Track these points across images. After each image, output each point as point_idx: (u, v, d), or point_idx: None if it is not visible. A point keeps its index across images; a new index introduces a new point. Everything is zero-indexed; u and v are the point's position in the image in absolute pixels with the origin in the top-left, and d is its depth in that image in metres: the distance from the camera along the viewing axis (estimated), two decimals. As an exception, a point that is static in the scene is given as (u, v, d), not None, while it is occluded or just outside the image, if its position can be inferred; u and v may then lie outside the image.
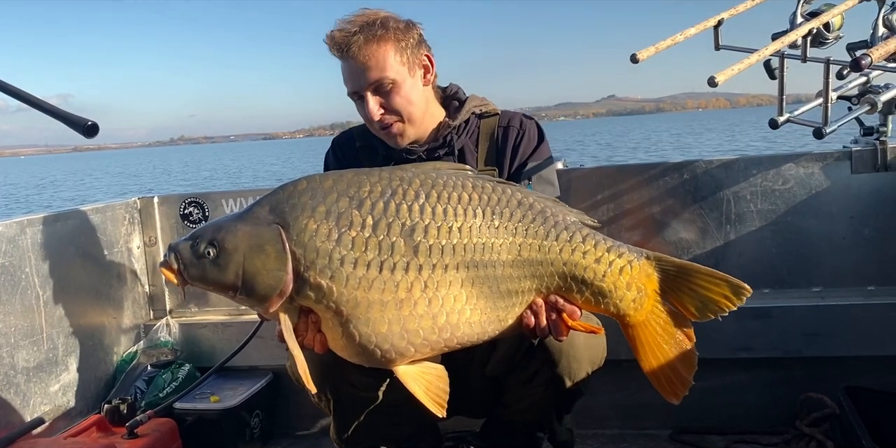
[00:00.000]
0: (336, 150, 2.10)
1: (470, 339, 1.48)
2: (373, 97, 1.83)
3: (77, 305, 2.51)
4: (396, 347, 1.42)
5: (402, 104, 1.85)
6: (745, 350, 2.35)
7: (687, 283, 1.53)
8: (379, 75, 1.81)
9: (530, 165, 1.98)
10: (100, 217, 2.67)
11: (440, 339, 1.44)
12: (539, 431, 2.01)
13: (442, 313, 1.41)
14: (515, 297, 1.48)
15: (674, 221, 2.51)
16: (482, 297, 1.44)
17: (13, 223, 2.27)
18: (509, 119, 2.02)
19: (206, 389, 2.57)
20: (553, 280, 1.49)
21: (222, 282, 1.40)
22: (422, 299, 1.40)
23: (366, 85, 1.82)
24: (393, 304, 1.39)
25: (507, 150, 1.99)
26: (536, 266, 1.48)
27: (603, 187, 2.55)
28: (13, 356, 2.21)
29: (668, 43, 2.13)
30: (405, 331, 1.41)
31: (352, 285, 1.36)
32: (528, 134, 2.01)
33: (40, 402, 2.30)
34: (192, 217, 2.87)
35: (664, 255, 1.55)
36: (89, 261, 2.59)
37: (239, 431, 2.51)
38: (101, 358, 2.61)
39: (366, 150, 2.04)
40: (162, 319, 2.82)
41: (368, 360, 1.46)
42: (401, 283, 1.37)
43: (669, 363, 1.52)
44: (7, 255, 2.22)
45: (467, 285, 1.43)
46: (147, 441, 2.22)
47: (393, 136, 1.90)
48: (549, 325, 1.52)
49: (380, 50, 1.80)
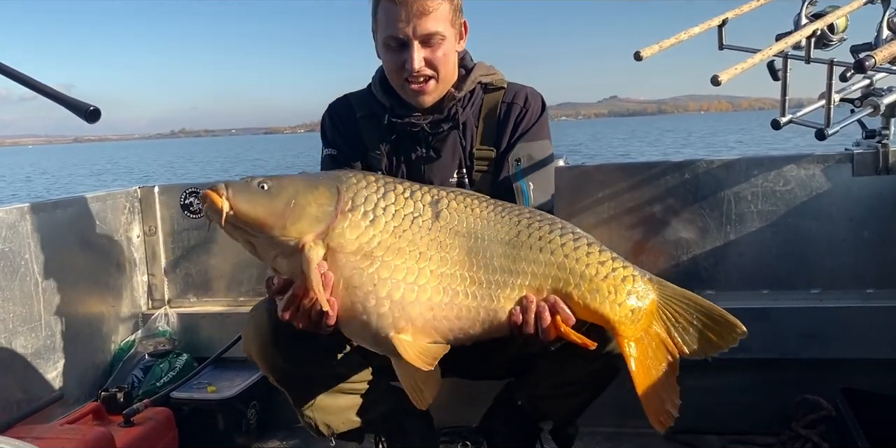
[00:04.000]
0: (334, 116, 2.01)
1: (462, 326, 1.48)
2: (420, 48, 1.76)
3: (76, 293, 2.51)
4: (405, 314, 1.44)
5: (443, 61, 1.80)
6: (743, 351, 2.30)
7: (683, 313, 1.54)
8: (435, 27, 1.75)
9: (520, 146, 1.91)
10: (100, 205, 2.67)
11: (436, 316, 1.46)
12: (542, 421, 2.00)
13: (439, 289, 1.46)
14: (510, 290, 1.49)
15: (674, 220, 2.51)
16: (476, 282, 1.48)
17: (13, 209, 2.27)
18: (514, 94, 1.96)
19: (203, 380, 2.57)
20: (550, 275, 1.49)
21: (271, 208, 1.39)
22: (434, 260, 1.46)
23: (419, 33, 1.75)
24: (413, 258, 1.45)
25: (506, 129, 1.93)
26: (534, 261, 1.49)
27: (604, 185, 2.55)
28: (11, 342, 2.22)
29: (671, 41, 2.12)
30: (415, 301, 1.45)
31: (386, 230, 1.45)
32: (530, 112, 1.94)
33: (38, 388, 2.31)
34: (192, 207, 2.87)
35: (666, 282, 1.57)
36: (89, 249, 2.59)
37: (235, 422, 2.51)
38: (98, 346, 2.62)
39: (367, 120, 1.97)
40: (160, 309, 2.83)
41: (371, 325, 1.44)
42: (423, 239, 1.47)
43: (657, 391, 1.51)
44: (7, 241, 2.22)
45: (466, 267, 1.48)
46: (143, 429, 2.23)
47: (422, 92, 1.83)
48: (539, 324, 1.48)
49: (439, 1, 1.74)
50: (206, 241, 2.87)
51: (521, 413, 2.02)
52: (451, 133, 1.92)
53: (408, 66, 1.77)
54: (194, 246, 2.89)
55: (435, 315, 1.46)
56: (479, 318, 1.48)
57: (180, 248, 2.90)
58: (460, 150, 1.92)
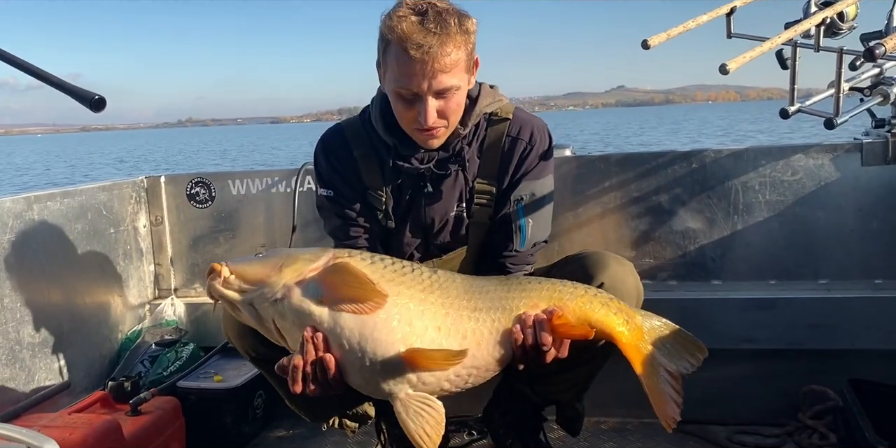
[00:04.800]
0: (329, 155, 1.91)
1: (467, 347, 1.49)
2: (434, 102, 1.67)
3: (83, 283, 2.52)
4: (414, 331, 1.45)
5: (455, 110, 1.73)
6: (749, 341, 2.34)
7: (665, 330, 1.59)
8: (450, 83, 1.65)
9: (524, 184, 1.87)
10: (107, 195, 2.67)
11: (443, 335, 1.48)
12: (545, 407, 2.00)
13: (444, 314, 1.49)
14: (509, 312, 1.53)
15: (681, 210, 2.50)
16: (478, 309, 1.52)
17: (20, 199, 2.27)
18: (520, 128, 1.88)
19: (209, 369, 2.56)
20: (543, 297, 1.55)
21: (264, 262, 1.52)
22: (437, 293, 1.51)
23: (434, 89, 1.65)
24: (417, 289, 1.49)
25: (510, 165, 1.87)
26: (525, 290, 1.57)
27: (610, 175, 2.54)
28: (19, 331, 2.22)
29: (679, 30, 2.10)
30: (422, 317, 1.47)
31: (388, 270, 1.51)
32: (535, 149, 1.87)
33: (45, 377, 2.31)
34: (198, 197, 2.87)
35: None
36: (95, 238, 2.59)
37: (241, 411, 2.51)
38: (105, 335, 2.62)
39: (366, 159, 1.88)
40: (167, 298, 2.83)
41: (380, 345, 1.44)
42: (424, 281, 1.52)
43: (661, 394, 1.56)
44: (14, 230, 2.23)
45: (466, 298, 1.53)
46: (150, 418, 2.23)
47: (432, 139, 1.77)
48: (537, 331, 1.49)
49: (455, 54, 1.63)
50: (213, 230, 2.88)
51: (522, 401, 2.01)
52: (457, 175, 1.87)
53: (421, 120, 1.69)
54: (200, 236, 2.89)
55: (442, 334, 1.46)
56: (484, 338, 1.49)
57: (187, 237, 2.90)
58: (462, 183, 1.88)
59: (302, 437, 2.56)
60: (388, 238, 1.94)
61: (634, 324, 1.56)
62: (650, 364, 1.55)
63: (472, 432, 2.46)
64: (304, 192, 2.74)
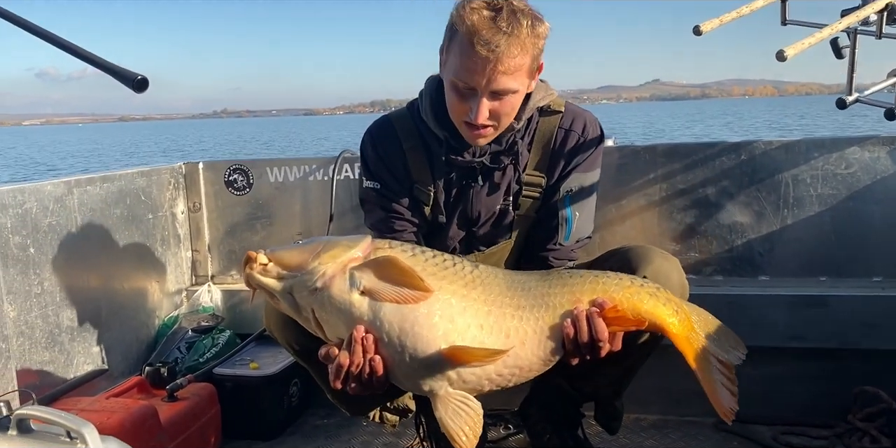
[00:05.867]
0: (377, 146, 1.87)
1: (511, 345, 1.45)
2: (488, 102, 1.63)
3: (121, 268, 2.52)
4: (455, 327, 1.41)
5: (507, 114, 1.68)
6: (798, 339, 2.26)
7: (710, 327, 1.55)
8: (509, 85, 1.61)
9: (574, 176, 1.83)
10: (145, 180, 2.67)
11: (485, 333, 1.44)
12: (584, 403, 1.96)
13: (486, 311, 1.45)
14: (553, 309, 1.48)
15: (728, 204, 2.43)
16: (520, 307, 1.47)
17: (60, 183, 2.27)
18: (572, 121, 1.83)
19: (245, 356, 2.56)
20: (586, 290, 1.50)
21: (303, 249, 1.47)
22: (479, 290, 1.46)
23: (491, 88, 1.61)
24: (459, 285, 1.45)
25: (561, 157, 1.82)
26: (566, 284, 1.51)
27: (656, 166, 2.48)
28: (58, 315, 2.23)
29: (732, 15, 2.02)
30: (464, 314, 1.43)
31: (429, 263, 1.46)
32: (587, 141, 1.83)
33: (83, 361, 2.32)
34: (236, 184, 2.86)
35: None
36: (134, 224, 2.60)
37: (277, 399, 2.50)
38: (143, 321, 2.63)
39: (415, 152, 1.85)
40: (204, 285, 2.83)
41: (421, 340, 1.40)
42: (466, 276, 1.47)
43: (716, 384, 1.52)
44: (54, 214, 2.23)
45: (508, 295, 1.48)
46: (187, 404, 2.23)
47: (479, 137, 1.72)
48: (591, 326, 1.44)
49: (520, 58, 1.58)
50: (250, 217, 2.87)
51: (560, 396, 1.97)
52: (509, 167, 1.83)
53: (471, 116, 1.65)
54: (238, 222, 2.88)
55: (484, 332, 1.42)
56: (528, 336, 1.45)
57: (224, 224, 2.89)
58: (511, 176, 1.84)
59: (337, 426, 2.55)
60: (432, 231, 1.90)
61: (684, 314, 1.52)
62: (702, 355, 1.50)
63: (508, 426, 2.43)
64: (342, 180, 2.72)
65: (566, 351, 1.47)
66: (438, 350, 1.39)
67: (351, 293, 1.40)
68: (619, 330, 1.48)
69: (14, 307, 2.06)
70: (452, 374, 1.41)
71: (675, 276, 1.71)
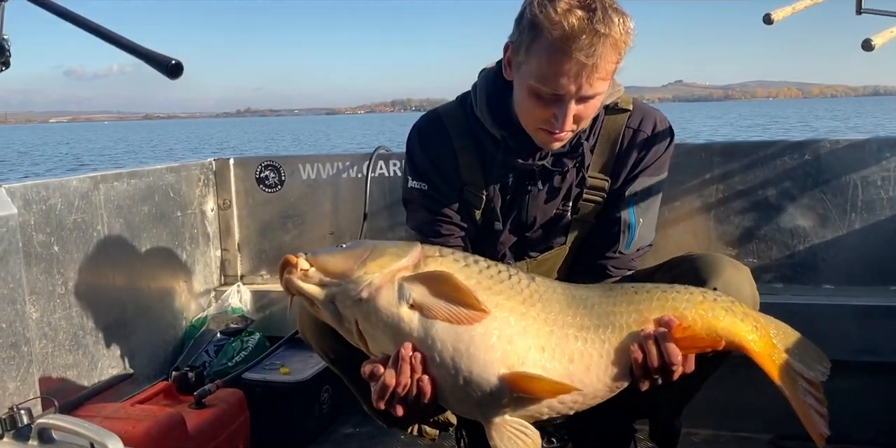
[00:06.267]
0: (426, 145, 1.74)
1: (575, 371, 1.33)
2: (575, 106, 1.49)
3: (148, 267, 2.44)
4: (514, 349, 1.30)
5: (590, 115, 1.55)
6: (871, 352, 2.11)
7: (790, 341, 1.43)
8: (601, 89, 1.47)
9: (640, 180, 1.71)
10: (174, 177, 2.58)
11: (547, 358, 1.32)
12: (638, 420, 1.85)
13: (547, 332, 1.34)
14: (619, 330, 1.36)
15: (790, 206, 2.29)
16: (584, 327, 1.36)
17: (86, 178, 2.19)
18: (641, 120, 1.70)
19: (275, 360, 2.48)
20: (654, 308, 1.37)
21: (349, 253, 1.37)
22: (537, 307, 1.35)
23: (581, 94, 1.47)
24: (516, 300, 1.34)
25: (629, 159, 1.69)
26: (632, 301, 1.39)
27: (712, 166, 2.34)
28: (82, 316, 2.15)
29: (805, 3, 1.88)
30: (524, 335, 1.31)
31: (483, 274, 1.36)
32: (658, 144, 1.71)
33: (108, 365, 2.24)
34: (267, 180, 2.77)
35: None
36: (161, 221, 2.51)
37: (308, 406, 2.42)
38: (170, 322, 2.55)
39: (467, 152, 1.72)
40: (233, 285, 2.74)
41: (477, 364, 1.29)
42: (523, 290, 1.36)
43: (805, 406, 1.40)
44: (80, 210, 2.14)
45: (570, 314, 1.36)
46: (215, 411, 2.15)
47: (557, 142, 1.59)
48: (662, 348, 1.31)
49: (613, 60, 1.45)
50: (281, 216, 2.78)
51: (612, 412, 1.84)
52: (572, 171, 1.70)
53: (556, 124, 1.51)
54: (269, 221, 2.79)
55: (546, 356, 1.31)
56: (594, 361, 1.33)
57: (254, 222, 2.80)
58: (573, 179, 1.71)
59: (370, 436, 2.45)
60: (481, 235, 1.78)
61: (763, 329, 1.39)
62: (787, 373, 1.38)
63: (552, 440, 2.29)
64: (377, 178, 2.63)
65: (634, 376, 1.35)
66: (496, 374, 1.28)
67: (399, 306, 1.30)
68: (693, 351, 1.35)
69: (37, 308, 1.98)
70: (510, 400, 1.31)
71: (747, 288, 1.58)
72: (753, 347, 1.37)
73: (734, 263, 1.62)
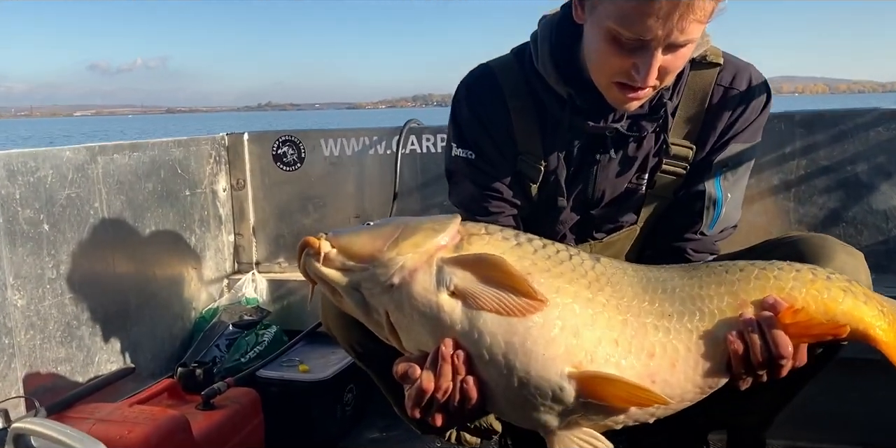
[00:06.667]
0: (475, 105, 1.52)
1: (657, 369, 1.10)
2: (661, 56, 1.25)
3: (152, 251, 2.26)
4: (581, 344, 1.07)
5: (677, 69, 1.32)
6: None
7: None
8: (694, 34, 1.25)
9: (731, 147, 1.47)
10: (182, 151, 2.39)
11: (622, 352, 1.09)
12: (717, 429, 1.62)
13: (621, 321, 1.11)
14: (710, 317, 1.12)
15: (884, 184, 2.05)
16: (665, 315, 1.13)
17: (82, 148, 1.99)
18: (734, 76, 1.46)
19: (293, 356, 2.31)
20: (752, 288, 1.13)
21: (377, 232, 1.17)
22: (606, 291, 1.12)
23: (670, 40, 1.25)
24: (581, 285, 1.11)
25: (719, 122, 1.46)
26: (725, 282, 1.15)
27: (793, 137, 2.09)
28: (77, 305, 1.95)
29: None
30: (592, 326, 1.08)
31: (538, 255, 1.14)
32: (753, 103, 1.46)
33: (106, 360, 2.05)
34: (285, 158, 2.59)
35: None
36: (168, 201, 2.33)
37: (329, 408, 2.23)
38: (177, 313, 2.37)
39: (527, 115, 1.50)
40: (248, 273, 2.58)
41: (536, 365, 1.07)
42: (588, 272, 1.14)
43: None
44: (74, 184, 1.95)
45: (647, 299, 1.14)
46: (225, 413, 1.94)
47: (634, 101, 1.35)
48: (769, 337, 1.07)
49: (711, 3, 1.21)
50: (301, 197, 2.60)
51: (683, 421, 1.58)
52: (650, 136, 1.46)
53: (637, 76, 1.27)
54: (287, 202, 2.61)
55: (620, 351, 1.08)
56: (680, 356, 1.10)
57: (271, 204, 2.63)
58: (651, 147, 1.46)
59: (399, 441, 2.24)
60: (536, 213, 1.55)
61: (892, 315, 1.15)
62: None
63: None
64: (408, 154, 2.45)
65: (732, 374, 1.10)
66: (559, 374, 1.05)
67: (438, 293, 1.09)
68: (807, 341, 1.10)
69: (22, 294, 1.78)
70: (577, 406, 1.08)
71: (863, 277, 1.31)
72: (879, 335, 1.12)
73: (846, 247, 1.35)
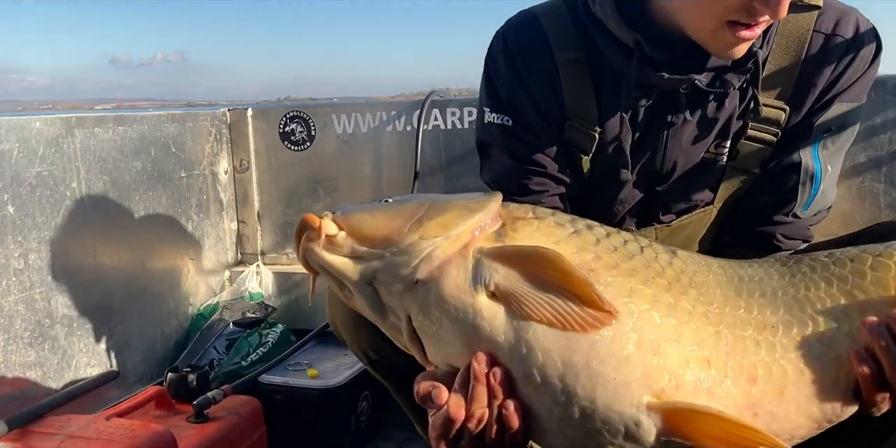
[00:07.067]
0: (514, 58, 1.29)
1: (761, 396, 0.87)
2: None
3: (141, 239, 2.12)
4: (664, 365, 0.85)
5: (786, 6, 1.06)
6: None
7: None
8: None
9: (835, 108, 1.23)
10: (177, 127, 2.22)
11: (715, 375, 0.87)
12: None
13: (710, 334, 0.88)
14: (822, 329, 0.89)
15: None
16: (766, 327, 0.90)
17: (56, 119, 1.80)
18: (837, 21, 1.22)
19: (301, 359, 2.16)
20: (874, 291, 0.90)
21: (397, 211, 0.97)
22: (690, 295, 0.90)
23: None
24: (659, 287, 0.89)
25: (819, 77, 1.22)
26: (839, 280, 0.92)
27: (884, 106, 1.86)
28: (50, 300, 1.77)
29: None
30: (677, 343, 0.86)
31: (602, 247, 0.93)
32: (861, 54, 1.22)
33: (85, 363, 1.88)
34: (294, 136, 2.44)
35: None
36: (160, 182, 2.16)
37: (342, 418, 2.06)
38: (170, 310, 2.22)
39: (578, 69, 1.27)
40: (252, 265, 2.46)
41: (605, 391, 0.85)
42: (665, 270, 0.92)
43: None
44: (46, 161, 1.76)
45: (742, 307, 0.91)
46: (220, 426, 1.73)
47: (744, 43, 1.11)
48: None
49: None
50: (311, 180, 2.47)
51: None
52: (735, 91, 1.22)
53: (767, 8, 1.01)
54: (295, 186, 2.47)
55: (714, 372, 0.86)
56: (790, 380, 0.87)
57: (278, 188, 2.49)
58: (734, 108, 1.23)
59: (419, 457, 2.07)
60: (589, 190, 1.32)
61: None
62: None
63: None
64: (430, 131, 2.29)
65: (863, 400, 0.87)
66: (635, 404, 0.84)
67: (475, 294, 0.88)
68: None
69: None
70: (656, 443, 0.86)
71: None
72: None
73: None
